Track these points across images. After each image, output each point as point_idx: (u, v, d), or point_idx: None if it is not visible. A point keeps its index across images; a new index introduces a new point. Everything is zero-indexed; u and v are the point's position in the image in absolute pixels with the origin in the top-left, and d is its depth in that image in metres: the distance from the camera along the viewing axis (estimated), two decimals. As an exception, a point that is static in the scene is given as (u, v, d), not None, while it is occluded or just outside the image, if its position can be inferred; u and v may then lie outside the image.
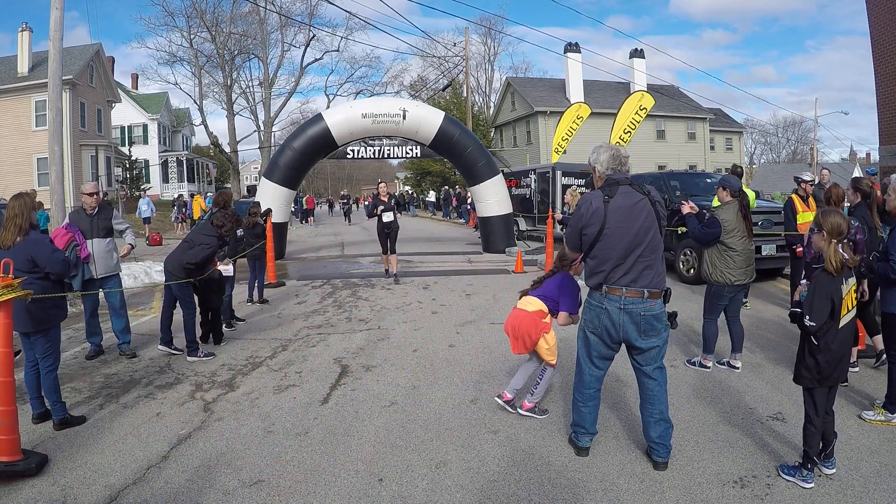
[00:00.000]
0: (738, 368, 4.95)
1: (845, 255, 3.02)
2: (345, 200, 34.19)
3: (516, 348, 4.00)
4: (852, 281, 3.11)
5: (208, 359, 5.59)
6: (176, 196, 28.47)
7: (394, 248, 10.09)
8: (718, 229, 4.82)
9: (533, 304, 3.95)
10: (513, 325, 3.97)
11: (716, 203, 7.91)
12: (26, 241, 3.91)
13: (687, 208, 4.94)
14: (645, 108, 11.51)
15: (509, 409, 4.10)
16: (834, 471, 3.15)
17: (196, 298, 5.82)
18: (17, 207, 3.94)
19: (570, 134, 12.25)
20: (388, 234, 10.03)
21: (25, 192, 4.19)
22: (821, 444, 3.13)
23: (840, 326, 3.06)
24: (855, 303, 3.13)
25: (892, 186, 4.16)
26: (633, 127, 11.53)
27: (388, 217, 9.90)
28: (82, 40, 41.77)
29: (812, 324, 3.00)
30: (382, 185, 10.20)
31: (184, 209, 23.50)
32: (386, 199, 10.05)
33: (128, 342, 5.80)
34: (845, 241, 3.08)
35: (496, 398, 4.19)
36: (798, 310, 3.13)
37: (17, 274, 3.77)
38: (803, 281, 3.49)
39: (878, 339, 4.95)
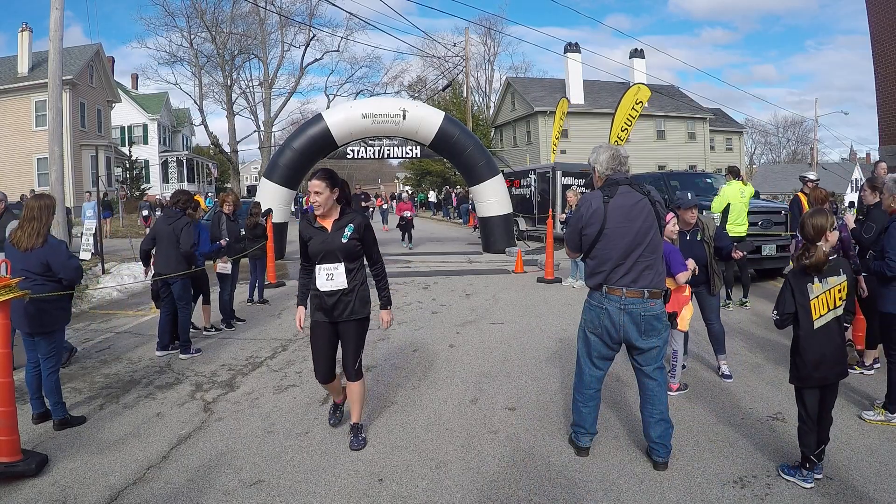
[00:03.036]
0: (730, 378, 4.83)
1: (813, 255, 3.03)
2: (364, 200, 18.96)
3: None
4: (833, 280, 3.03)
5: (199, 355, 5.67)
6: (144, 198, 25.64)
7: (356, 369, 3.59)
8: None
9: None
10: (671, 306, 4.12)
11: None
12: (43, 247, 3.88)
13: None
14: (641, 102, 11.44)
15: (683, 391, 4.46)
16: (818, 479, 3.07)
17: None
18: (37, 210, 3.88)
19: (559, 132, 12.32)
20: (332, 328, 3.57)
21: (47, 194, 4.10)
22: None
23: (815, 328, 3.03)
24: (838, 303, 3.06)
25: (887, 186, 4.17)
26: (630, 123, 11.50)
27: (332, 279, 3.47)
28: (82, 40, 41.79)
29: (776, 317, 3.14)
30: (318, 182, 3.43)
31: (153, 211, 20.91)
32: (329, 223, 3.51)
33: None
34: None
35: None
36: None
37: (30, 276, 3.77)
38: None
39: (871, 353, 4.91)
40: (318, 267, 3.48)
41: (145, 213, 21.20)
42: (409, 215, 15.92)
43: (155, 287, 5.93)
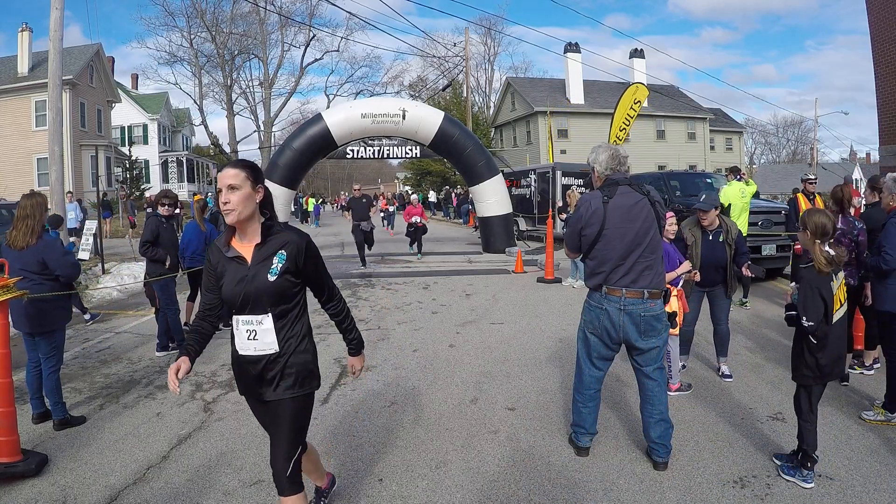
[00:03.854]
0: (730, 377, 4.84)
1: (831, 252, 3.03)
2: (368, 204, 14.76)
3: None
4: (841, 275, 3.14)
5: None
6: (131, 196, 24.48)
7: (289, 475, 2.21)
8: None
9: None
10: None
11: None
12: (38, 244, 3.88)
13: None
14: (640, 101, 11.59)
15: (684, 391, 4.48)
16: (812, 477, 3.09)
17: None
18: (30, 208, 3.88)
19: (550, 133, 12.57)
20: (263, 407, 2.35)
21: (38, 192, 4.11)
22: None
23: (832, 322, 3.07)
24: (846, 297, 3.16)
25: (886, 185, 4.20)
26: (629, 122, 11.58)
27: (255, 338, 2.22)
28: (82, 40, 41.84)
29: (810, 324, 3.00)
30: (232, 171, 2.18)
31: (135, 212, 20.12)
32: (249, 249, 2.23)
33: None
34: (831, 240, 3.09)
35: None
36: (793, 312, 3.13)
37: (28, 275, 3.77)
38: (792, 283, 3.50)
39: (870, 353, 4.92)
40: (235, 318, 2.25)
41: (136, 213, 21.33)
42: (418, 221, 13.60)
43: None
